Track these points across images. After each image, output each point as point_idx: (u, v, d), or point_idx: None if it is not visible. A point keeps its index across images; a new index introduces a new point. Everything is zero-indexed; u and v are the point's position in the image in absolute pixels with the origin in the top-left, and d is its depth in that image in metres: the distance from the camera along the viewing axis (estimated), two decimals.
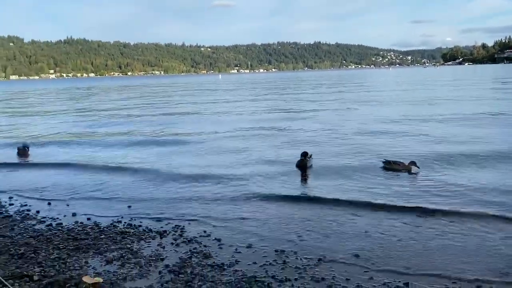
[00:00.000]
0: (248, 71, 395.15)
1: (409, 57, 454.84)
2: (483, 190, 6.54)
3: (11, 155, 10.90)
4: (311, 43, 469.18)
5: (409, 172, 7.81)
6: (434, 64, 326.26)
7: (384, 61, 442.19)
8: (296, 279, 4.03)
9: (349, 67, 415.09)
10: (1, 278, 4.12)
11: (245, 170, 8.34)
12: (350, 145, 10.45)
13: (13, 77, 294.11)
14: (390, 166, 8.03)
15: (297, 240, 5.01)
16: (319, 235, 5.15)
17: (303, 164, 8.47)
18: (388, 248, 4.73)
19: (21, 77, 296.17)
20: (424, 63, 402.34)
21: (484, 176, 7.31)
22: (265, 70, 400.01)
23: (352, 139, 11.39)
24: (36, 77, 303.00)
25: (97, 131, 15.16)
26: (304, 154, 8.64)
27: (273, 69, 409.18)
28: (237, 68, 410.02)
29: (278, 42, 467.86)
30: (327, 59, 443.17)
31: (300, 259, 4.49)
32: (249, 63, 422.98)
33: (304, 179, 7.95)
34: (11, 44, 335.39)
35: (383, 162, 8.25)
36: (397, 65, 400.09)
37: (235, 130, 13.77)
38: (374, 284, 3.93)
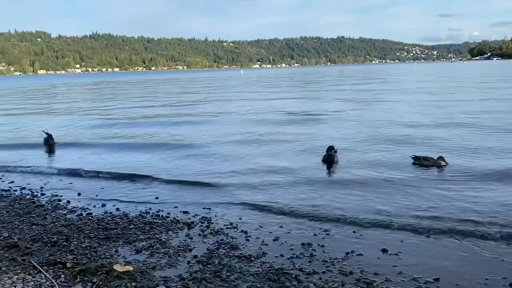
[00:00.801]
0: (270, 66, 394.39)
1: (435, 52, 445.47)
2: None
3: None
4: (334, 37, 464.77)
5: (438, 167, 7.74)
6: (461, 59, 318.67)
7: (409, 56, 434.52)
8: (323, 272, 4.03)
9: (373, 62, 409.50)
10: (36, 265, 4.25)
11: (268, 173, 8.08)
12: (376, 151, 9.68)
13: (40, 71, 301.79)
14: (420, 162, 7.96)
15: (323, 235, 5.00)
16: (346, 231, 5.12)
17: (330, 159, 8.40)
18: (416, 243, 4.69)
19: (48, 72, 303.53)
20: (451, 58, 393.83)
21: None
22: (287, 65, 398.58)
23: (377, 144, 10.48)
24: (63, 72, 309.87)
25: (119, 132, 14.81)
26: (331, 148, 8.59)
27: (296, 64, 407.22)
28: (259, 63, 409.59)
29: (301, 37, 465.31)
30: (350, 54, 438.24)
31: (328, 252, 4.49)
32: (271, 58, 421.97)
33: (330, 174, 7.90)
34: (39, 39, 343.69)
35: (413, 158, 8.15)
36: (422, 60, 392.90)
37: (255, 133, 13.06)
38: (403, 279, 3.90)
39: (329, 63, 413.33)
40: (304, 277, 3.94)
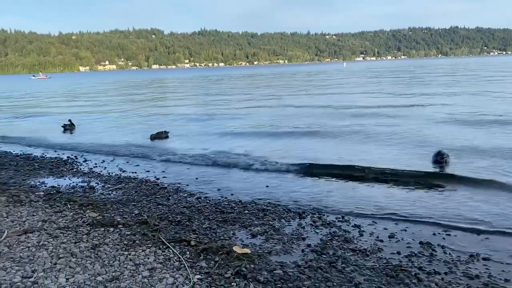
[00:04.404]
0: (374, 58, 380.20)
1: None
2: None
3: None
4: (447, 27, 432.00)
5: None
6: None
7: None
8: (446, 273, 3.83)
9: (491, 53, 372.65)
10: (164, 240, 4.66)
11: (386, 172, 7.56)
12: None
13: (154, 66, 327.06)
14: None
15: (444, 235, 4.73)
16: (469, 233, 4.78)
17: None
18: None
19: (160, 66, 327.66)
20: None
21: None
22: (393, 58, 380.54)
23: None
24: (173, 67, 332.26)
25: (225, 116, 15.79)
26: (437, 154, 7.99)
27: (402, 56, 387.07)
28: (362, 55, 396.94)
29: (409, 28, 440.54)
30: (464, 45, 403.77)
31: (449, 253, 4.24)
32: (375, 50, 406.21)
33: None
34: (153, 36, 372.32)
35: None
36: None
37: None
38: None
39: (440, 55, 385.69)
40: (425, 276, 3.78)
